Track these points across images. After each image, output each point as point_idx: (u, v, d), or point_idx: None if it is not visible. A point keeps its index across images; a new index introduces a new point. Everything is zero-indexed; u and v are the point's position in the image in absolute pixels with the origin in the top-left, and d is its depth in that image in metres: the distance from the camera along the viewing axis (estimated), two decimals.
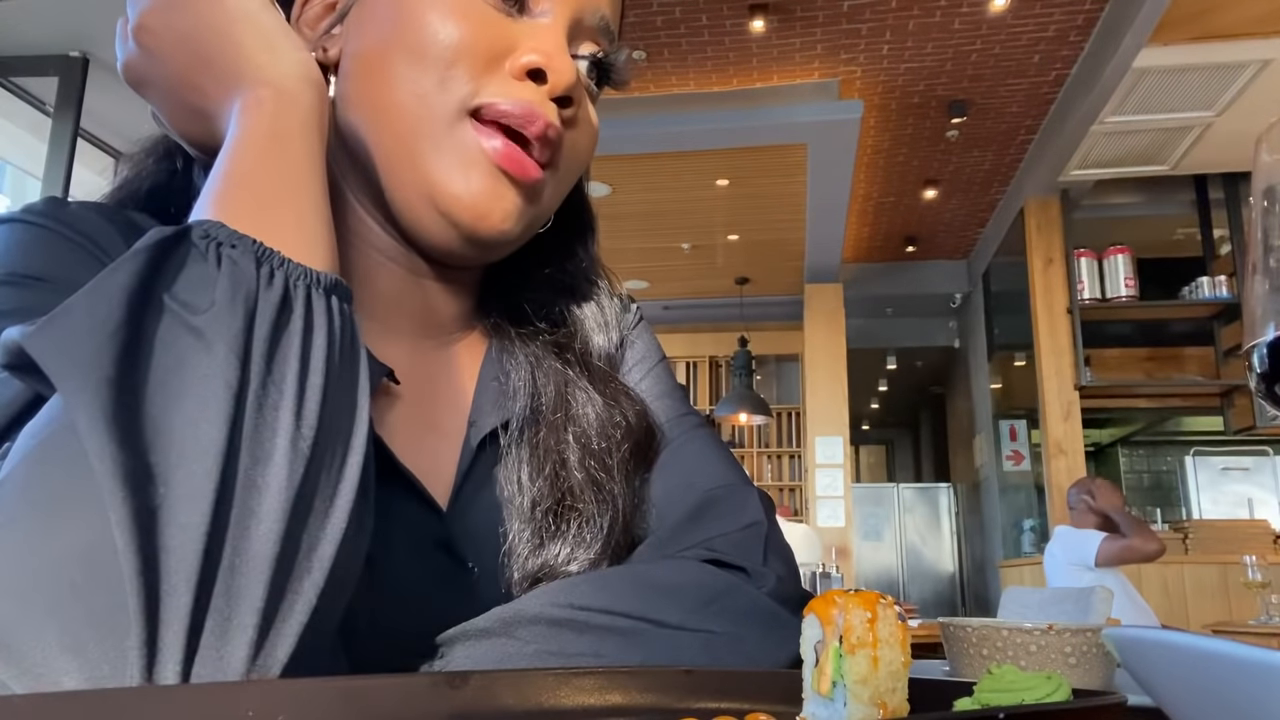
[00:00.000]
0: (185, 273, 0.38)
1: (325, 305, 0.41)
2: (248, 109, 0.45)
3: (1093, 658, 0.64)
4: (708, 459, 0.62)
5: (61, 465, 0.33)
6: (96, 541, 0.31)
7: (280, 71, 0.47)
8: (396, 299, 0.58)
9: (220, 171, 0.43)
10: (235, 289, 0.38)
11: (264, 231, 0.41)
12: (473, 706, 0.34)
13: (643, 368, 0.67)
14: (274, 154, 0.44)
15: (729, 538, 0.54)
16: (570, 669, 0.36)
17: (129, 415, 0.34)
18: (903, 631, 0.29)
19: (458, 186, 0.52)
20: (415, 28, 0.52)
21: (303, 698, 0.31)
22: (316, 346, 0.39)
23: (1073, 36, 4.33)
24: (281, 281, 0.40)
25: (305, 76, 0.47)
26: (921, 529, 9.31)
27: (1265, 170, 0.43)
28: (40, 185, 3.99)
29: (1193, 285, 5.36)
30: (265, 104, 0.45)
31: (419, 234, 0.55)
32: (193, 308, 0.37)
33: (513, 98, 0.52)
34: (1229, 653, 0.25)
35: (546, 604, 0.45)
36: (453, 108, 0.52)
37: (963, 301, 7.46)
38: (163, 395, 0.35)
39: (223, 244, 0.39)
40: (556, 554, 0.54)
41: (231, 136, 0.45)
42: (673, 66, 4.65)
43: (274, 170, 0.44)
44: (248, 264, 0.39)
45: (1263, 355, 0.42)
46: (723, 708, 0.35)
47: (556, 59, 0.52)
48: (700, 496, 0.59)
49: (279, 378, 0.37)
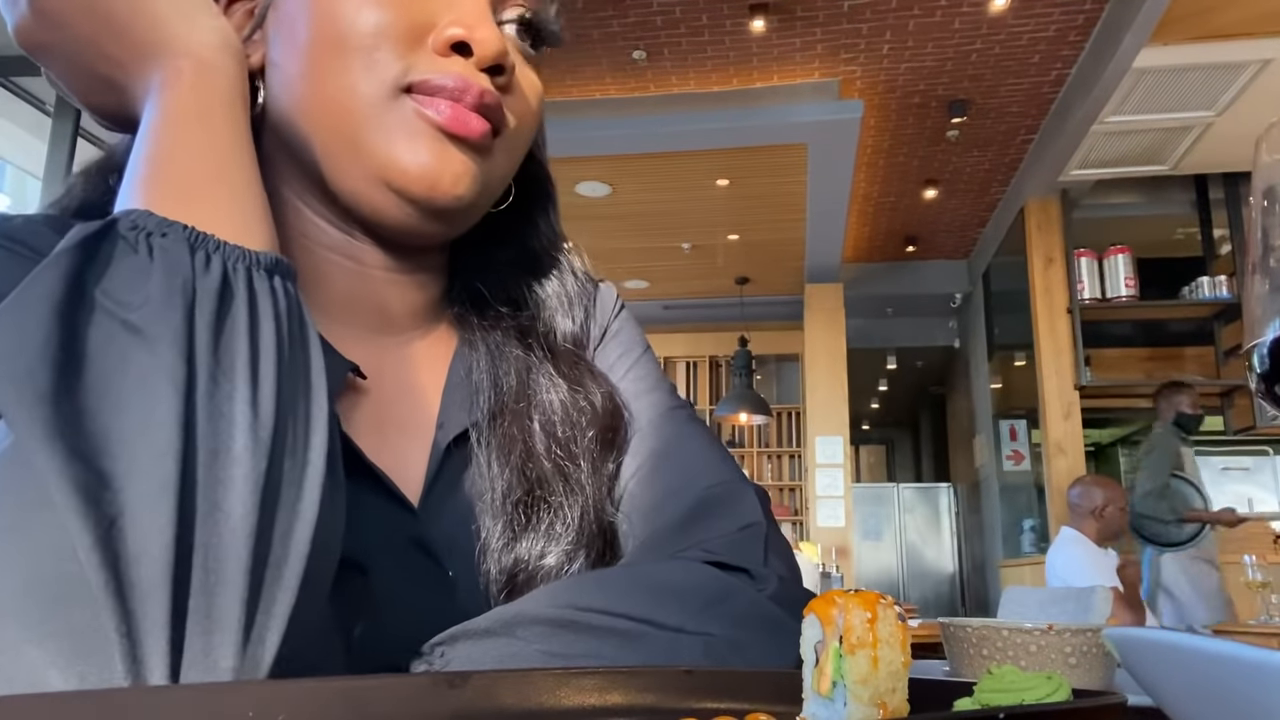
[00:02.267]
0: (115, 267, 0.37)
1: (269, 286, 0.39)
2: (167, 83, 0.43)
3: (1093, 658, 0.64)
4: (703, 456, 0.61)
5: (15, 486, 0.32)
6: (63, 558, 0.31)
7: (199, 40, 0.44)
8: (351, 297, 0.57)
9: (142, 154, 0.41)
10: (170, 279, 0.36)
11: (195, 215, 0.39)
12: (473, 706, 0.34)
13: (627, 360, 0.66)
14: (198, 130, 0.42)
15: (728, 538, 0.54)
16: (570, 669, 0.36)
17: (73, 426, 0.32)
18: (903, 631, 0.29)
19: (405, 160, 0.51)
20: (330, 20, 0.51)
21: (303, 698, 0.31)
22: (264, 331, 0.38)
23: (1073, 36, 4.34)
24: (219, 266, 0.38)
25: (225, 45, 0.45)
26: (921, 529, 9.31)
27: (1265, 170, 0.43)
28: (40, 185, 3.99)
29: (1193, 285, 5.36)
30: (185, 75, 0.43)
31: (375, 218, 0.54)
32: (127, 304, 0.36)
33: (442, 72, 0.51)
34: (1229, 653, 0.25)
35: (547, 604, 0.45)
36: (385, 90, 0.51)
37: (963, 301, 7.46)
38: (108, 400, 0.34)
39: (152, 233, 0.38)
40: (529, 549, 0.54)
41: (151, 113, 0.43)
42: (673, 66, 4.65)
43: (200, 148, 0.42)
44: (181, 251, 0.37)
45: (1263, 355, 0.42)
46: (723, 708, 0.35)
47: (478, 29, 0.51)
48: (697, 495, 0.57)
49: (228, 367, 0.36)
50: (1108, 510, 3.65)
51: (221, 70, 0.45)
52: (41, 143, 4.07)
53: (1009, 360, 6.58)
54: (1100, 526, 3.65)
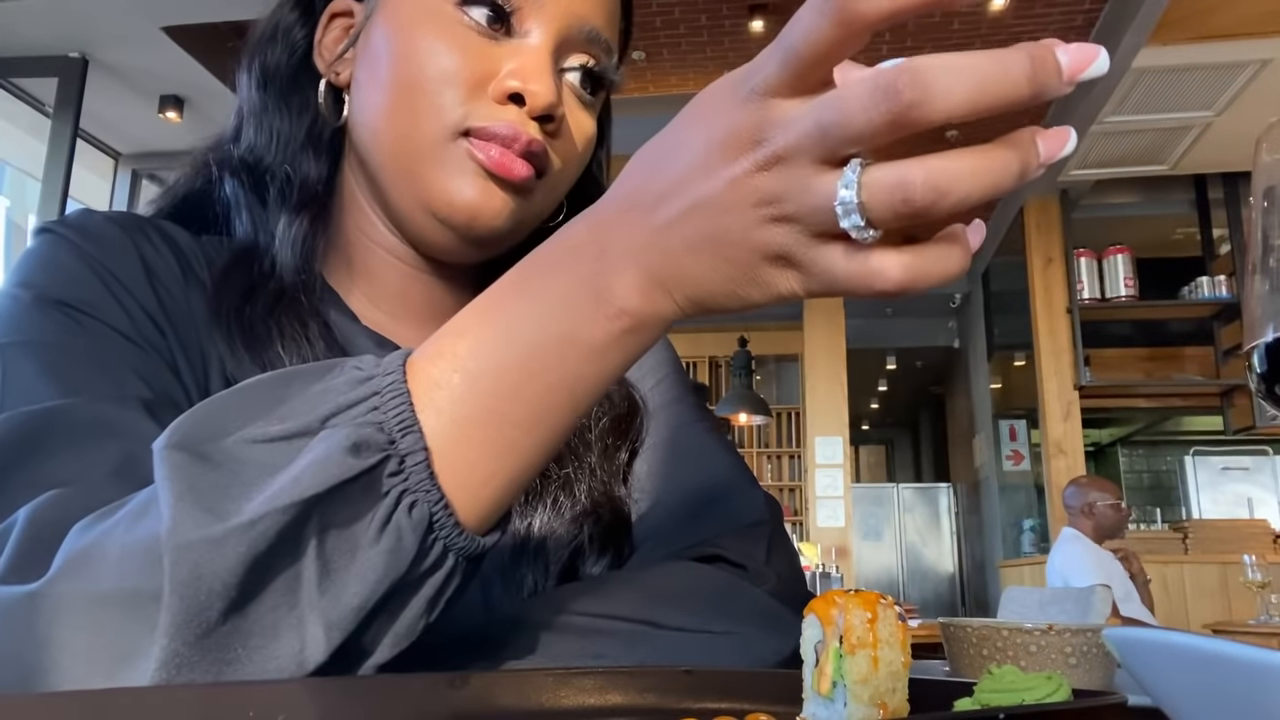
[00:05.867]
0: (343, 512, 0.35)
1: (460, 574, 0.38)
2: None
3: (1093, 658, 0.64)
4: (717, 459, 0.64)
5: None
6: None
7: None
8: (402, 291, 0.63)
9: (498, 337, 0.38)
10: (386, 573, 0.35)
11: (472, 468, 0.37)
12: (473, 706, 0.34)
13: (654, 375, 0.69)
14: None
15: (732, 536, 0.55)
16: (570, 669, 0.36)
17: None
18: (903, 631, 0.29)
19: (451, 193, 0.55)
20: (406, 61, 0.55)
21: (303, 698, 0.31)
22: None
23: (1072, 36, 4.31)
24: (437, 555, 0.36)
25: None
26: (921, 529, 9.31)
27: (1265, 170, 0.43)
28: (40, 186, 3.98)
29: (1192, 285, 5.36)
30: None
31: (419, 238, 0.59)
32: (324, 586, 0.34)
33: (496, 119, 0.55)
34: (1229, 653, 0.25)
35: (547, 610, 0.46)
36: (445, 132, 0.55)
37: (962, 301, 7.46)
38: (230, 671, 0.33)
39: (400, 501, 0.35)
40: (534, 523, 0.58)
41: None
42: (673, 66, 4.65)
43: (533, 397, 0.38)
44: (411, 542, 0.35)
45: (1263, 355, 0.42)
46: (723, 708, 0.35)
47: (533, 81, 0.55)
48: (707, 496, 0.60)
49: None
50: (1098, 507, 3.67)
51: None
52: (41, 143, 4.07)
53: (1008, 360, 6.58)
54: (1094, 524, 3.67)
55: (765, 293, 0.35)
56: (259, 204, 0.61)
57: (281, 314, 0.56)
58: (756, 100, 0.32)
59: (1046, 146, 0.31)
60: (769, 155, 0.32)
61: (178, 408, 0.44)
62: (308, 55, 0.62)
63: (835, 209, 0.31)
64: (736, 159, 0.33)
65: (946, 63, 0.29)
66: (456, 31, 0.55)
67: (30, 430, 0.42)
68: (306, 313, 0.57)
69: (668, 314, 0.36)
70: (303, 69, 0.62)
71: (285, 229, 0.59)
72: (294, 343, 0.55)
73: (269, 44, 0.63)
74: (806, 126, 0.31)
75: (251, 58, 0.63)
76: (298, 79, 0.62)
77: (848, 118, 0.30)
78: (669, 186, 0.35)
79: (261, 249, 0.59)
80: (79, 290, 0.49)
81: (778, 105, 0.32)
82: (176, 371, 0.52)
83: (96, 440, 0.42)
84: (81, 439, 0.42)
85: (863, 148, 0.31)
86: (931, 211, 0.30)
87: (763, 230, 0.33)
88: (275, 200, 0.60)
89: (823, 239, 0.32)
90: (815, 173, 0.31)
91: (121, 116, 4.53)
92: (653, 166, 0.36)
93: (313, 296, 0.58)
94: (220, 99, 4.32)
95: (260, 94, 0.62)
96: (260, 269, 0.58)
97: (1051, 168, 0.33)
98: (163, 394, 0.49)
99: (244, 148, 0.62)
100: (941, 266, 0.32)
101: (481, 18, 0.55)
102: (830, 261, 0.32)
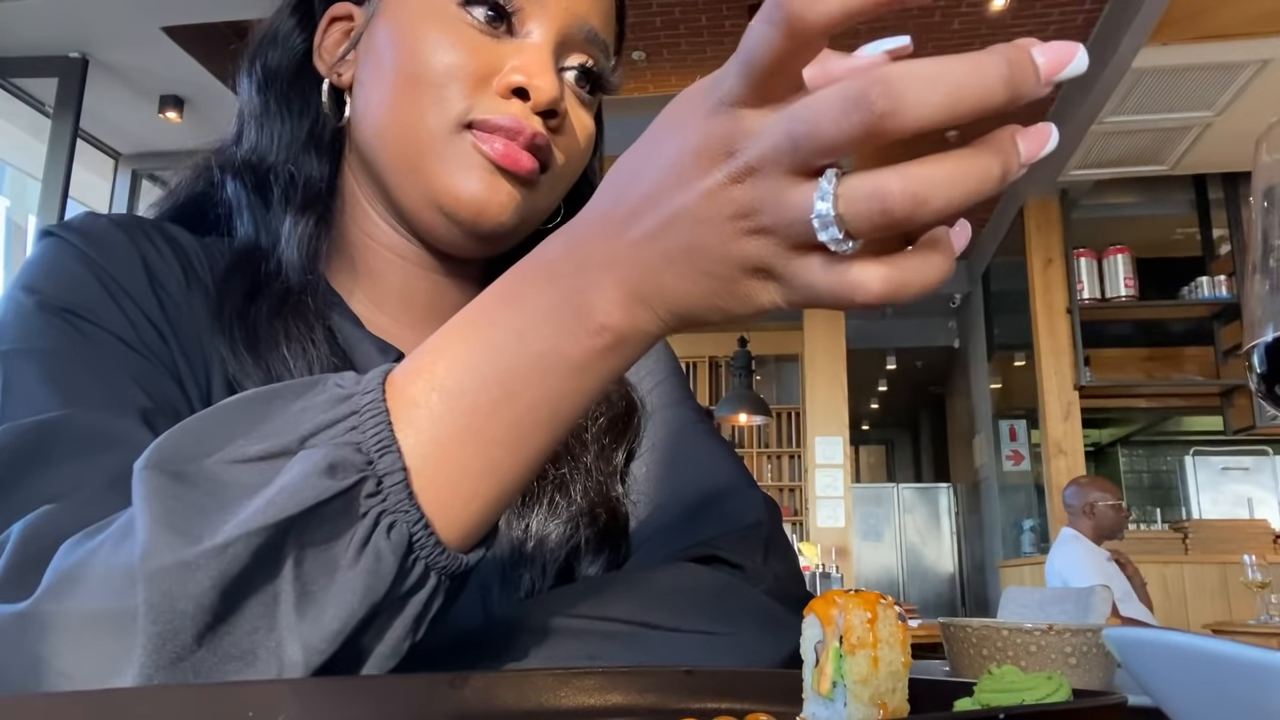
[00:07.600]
0: (320, 533, 0.34)
1: (443, 592, 0.38)
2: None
3: (1093, 658, 0.64)
4: (716, 460, 0.64)
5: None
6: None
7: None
8: (404, 291, 0.63)
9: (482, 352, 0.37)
10: (365, 594, 0.34)
11: (452, 488, 0.36)
12: (473, 706, 0.34)
13: (652, 378, 0.70)
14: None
15: (730, 537, 0.55)
16: (570, 669, 0.36)
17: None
18: (903, 631, 0.29)
19: (458, 187, 0.56)
20: (410, 56, 0.56)
21: (302, 698, 0.31)
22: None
23: (1071, 37, 4.33)
24: (418, 574, 0.36)
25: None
26: (921, 529, 9.31)
27: (1265, 170, 0.43)
28: (40, 186, 3.98)
29: (1192, 285, 5.36)
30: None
31: (426, 234, 0.60)
32: (304, 597, 0.34)
33: (500, 113, 0.55)
34: (1229, 653, 0.25)
35: (544, 613, 0.46)
36: (449, 125, 0.55)
37: (962, 301, 7.46)
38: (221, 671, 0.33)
39: (378, 523, 0.35)
40: (530, 524, 0.58)
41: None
42: (672, 67, 4.65)
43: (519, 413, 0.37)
44: (391, 561, 0.35)
45: (1263, 355, 0.42)
46: (723, 708, 0.35)
47: (537, 77, 0.55)
48: (705, 497, 0.60)
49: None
50: (1098, 507, 3.67)
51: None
52: (41, 143, 4.07)
53: (1008, 360, 6.58)
54: (1094, 524, 3.67)
55: (747, 305, 0.34)
56: (261, 205, 0.61)
57: (287, 315, 0.56)
58: (725, 110, 0.31)
59: (1028, 146, 0.31)
60: (742, 167, 0.31)
61: (178, 415, 0.44)
62: (307, 57, 0.63)
63: (812, 222, 0.30)
64: (710, 170, 0.32)
65: (919, 70, 0.29)
66: (460, 29, 0.56)
67: (29, 442, 0.42)
68: (311, 314, 0.57)
69: (650, 329, 0.36)
70: (302, 72, 0.63)
71: (291, 229, 0.59)
72: (299, 345, 0.55)
73: (269, 48, 0.63)
74: (776, 138, 0.30)
75: (252, 62, 0.63)
76: (298, 81, 0.63)
77: (818, 129, 0.29)
78: (644, 199, 0.34)
79: (264, 250, 0.59)
80: (82, 297, 0.50)
81: (747, 115, 0.31)
82: (178, 377, 0.52)
83: (94, 452, 0.42)
84: (80, 450, 0.42)
85: (836, 158, 0.30)
86: (911, 221, 0.29)
87: (740, 242, 0.32)
88: (279, 201, 0.60)
89: (802, 250, 0.31)
90: (790, 184, 0.30)
91: (121, 116, 4.52)
92: (628, 178, 0.35)
93: (317, 298, 0.58)
94: (220, 99, 4.32)
95: (261, 97, 0.62)
96: (264, 270, 0.58)
97: (1052, 168, 0.33)
98: (163, 402, 0.49)
99: (246, 149, 0.62)
100: (922, 276, 0.31)
101: (484, 17, 0.56)
102: (810, 274, 0.31)
